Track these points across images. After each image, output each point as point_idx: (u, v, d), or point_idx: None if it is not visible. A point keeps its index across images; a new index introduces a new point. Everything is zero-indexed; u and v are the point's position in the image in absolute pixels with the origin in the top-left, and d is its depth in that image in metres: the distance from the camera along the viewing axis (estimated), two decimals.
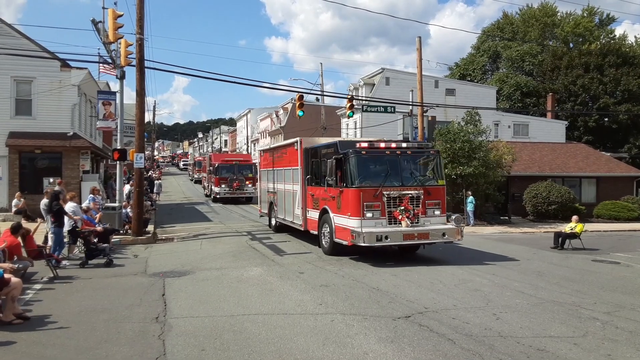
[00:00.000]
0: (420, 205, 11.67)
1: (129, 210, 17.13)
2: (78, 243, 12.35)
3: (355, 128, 35.95)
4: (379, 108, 24.28)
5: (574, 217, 16.18)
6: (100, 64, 20.51)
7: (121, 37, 15.76)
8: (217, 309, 7.54)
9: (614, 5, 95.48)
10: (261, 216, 19.79)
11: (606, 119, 39.94)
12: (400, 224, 11.32)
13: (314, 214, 13.60)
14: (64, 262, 11.22)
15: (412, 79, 29.29)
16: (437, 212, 11.99)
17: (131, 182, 20.23)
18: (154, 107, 63.14)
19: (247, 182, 30.77)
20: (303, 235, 15.07)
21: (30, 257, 9.76)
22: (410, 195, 11.54)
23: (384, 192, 11.41)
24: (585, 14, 54.15)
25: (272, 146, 18.08)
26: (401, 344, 5.77)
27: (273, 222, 17.81)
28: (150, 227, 17.63)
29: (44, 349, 5.66)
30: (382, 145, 12.18)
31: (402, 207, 11.35)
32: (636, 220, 24.35)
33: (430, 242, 11.78)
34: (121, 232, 16.12)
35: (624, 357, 5.37)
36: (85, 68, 22.95)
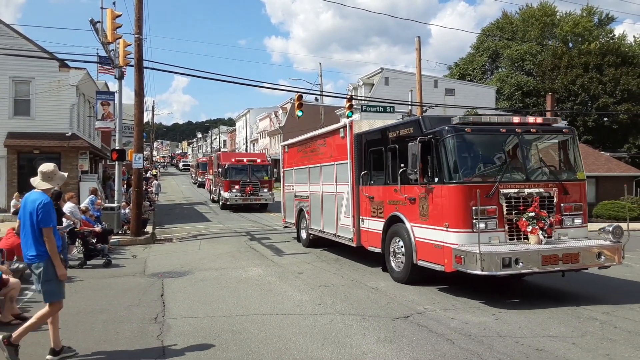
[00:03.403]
0: (555, 210, 8.02)
1: (127, 210, 17.12)
2: (77, 243, 12.34)
3: None
4: (378, 108, 24.32)
5: None
6: (99, 64, 20.52)
7: (120, 37, 15.78)
8: (216, 309, 7.53)
9: (614, 4, 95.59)
10: (285, 227, 16.41)
11: (605, 119, 39.96)
12: (527, 238, 7.70)
13: (373, 224, 10.20)
14: None
15: (412, 79, 29.30)
16: (578, 221, 8.23)
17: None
18: (153, 107, 63.19)
19: (262, 186, 26.60)
20: (352, 252, 11.98)
21: None
22: (541, 196, 7.89)
23: (502, 191, 7.74)
24: (584, 14, 54.21)
25: (302, 138, 14.48)
26: (400, 344, 5.76)
27: (303, 234, 14.24)
28: (149, 228, 17.63)
29: (42, 349, 5.64)
30: (493, 119, 8.56)
31: (531, 214, 7.61)
32: (636, 220, 24.36)
33: (580, 267, 7.88)
34: (120, 232, 16.12)
35: (622, 357, 5.37)
36: (84, 68, 22.97)
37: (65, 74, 21.92)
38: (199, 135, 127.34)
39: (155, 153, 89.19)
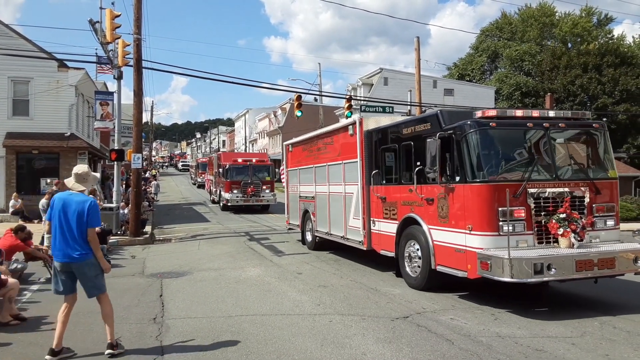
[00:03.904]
0: (586, 211, 7.46)
1: (126, 211, 17.11)
2: None
3: None
4: (377, 108, 24.33)
5: None
6: (98, 64, 20.51)
7: (119, 37, 15.76)
8: (215, 309, 7.52)
9: (613, 5, 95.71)
10: (289, 229, 15.95)
11: (604, 119, 39.95)
12: (557, 242, 7.18)
13: (386, 226, 9.70)
14: None
15: (411, 79, 29.31)
16: (610, 223, 7.73)
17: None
18: (152, 107, 63.22)
19: (263, 187, 25.80)
20: (360, 255, 11.50)
21: (27, 258, 9.74)
22: (572, 196, 7.36)
23: (529, 191, 7.21)
24: (583, 14, 54.27)
25: (308, 136, 13.99)
26: (399, 344, 5.76)
27: (309, 237, 13.75)
28: (148, 228, 17.61)
29: (41, 349, 5.64)
30: (519, 113, 7.84)
31: (562, 215, 7.09)
32: (635, 220, 24.38)
33: (616, 274, 7.35)
34: (119, 232, 16.10)
35: (621, 357, 5.37)
36: (83, 68, 22.97)
37: (64, 74, 21.91)
38: (198, 135, 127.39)
39: (154, 153, 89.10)
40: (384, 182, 9.83)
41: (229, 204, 25.48)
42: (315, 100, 39.44)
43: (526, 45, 50.67)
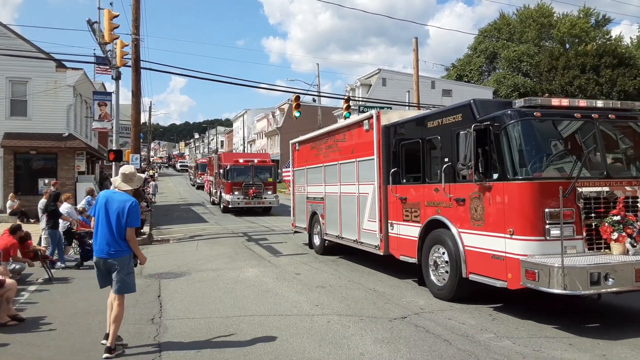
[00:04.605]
0: None
1: None
2: (73, 244, 12.31)
3: None
4: (375, 109, 24.33)
5: None
6: (96, 65, 20.49)
7: (117, 38, 15.75)
8: (213, 310, 7.52)
9: (611, 6, 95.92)
10: (295, 232, 15.10)
11: None
12: (608, 247, 6.44)
13: (406, 230, 8.92)
14: (58, 264, 11.18)
15: (409, 80, 29.36)
16: None
17: None
18: (150, 107, 63.15)
19: (266, 189, 24.89)
20: (373, 260, 10.78)
21: (25, 258, 9.73)
22: (627, 195, 6.61)
23: (578, 190, 6.44)
24: (581, 15, 54.41)
25: (316, 133, 13.36)
26: (397, 345, 5.77)
27: (317, 240, 13.03)
28: (146, 229, 17.59)
29: (38, 350, 5.64)
30: (565, 102, 7.08)
31: (616, 217, 6.34)
32: None
33: None
34: None
35: (618, 357, 5.38)
36: (81, 69, 22.96)
37: (62, 75, 21.88)
38: (196, 136, 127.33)
39: (152, 154, 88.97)
40: (404, 181, 9.09)
41: (229, 206, 24.65)
42: (314, 100, 39.44)
43: (524, 46, 50.79)
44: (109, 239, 5.50)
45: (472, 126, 6.89)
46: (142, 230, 16.67)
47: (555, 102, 6.99)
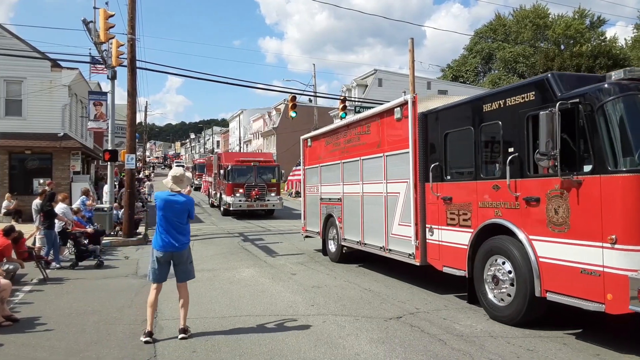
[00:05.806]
0: None
1: (120, 211, 17.06)
2: (68, 244, 12.28)
3: None
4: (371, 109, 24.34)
5: None
6: (92, 64, 20.44)
7: (112, 37, 15.74)
8: (209, 310, 7.52)
9: (605, 7, 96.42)
10: (306, 237, 13.89)
11: None
12: None
13: (452, 236, 7.58)
14: (53, 264, 11.14)
15: (405, 80, 29.41)
16: None
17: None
18: (146, 107, 62.98)
19: (269, 190, 23.52)
20: (404, 271, 9.56)
21: (20, 258, 9.69)
22: None
23: None
24: (576, 16, 54.65)
25: (333, 127, 12.09)
26: (392, 345, 5.78)
27: (332, 246, 11.82)
28: (141, 229, 17.55)
29: (33, 350, 5.62)
30: None
31: None
32: None
33: None
34: (112, 233, 16.05)
35: (612, 357, 5.41)
36: (76, 68, 22.88)
37: (57, 74, 21.81)
38: (192, 136, 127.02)
39: (148, 154, 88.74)
40: (449, 177, 7.75)
41: (230, 209, 23.07)
42: (310, 101, 39.46)
43: (520, 47, 50.98)
44: (176, 235, 6.26)
45: (557, 105, 5.58)
46: (137, 231, 16.65)
47: None
